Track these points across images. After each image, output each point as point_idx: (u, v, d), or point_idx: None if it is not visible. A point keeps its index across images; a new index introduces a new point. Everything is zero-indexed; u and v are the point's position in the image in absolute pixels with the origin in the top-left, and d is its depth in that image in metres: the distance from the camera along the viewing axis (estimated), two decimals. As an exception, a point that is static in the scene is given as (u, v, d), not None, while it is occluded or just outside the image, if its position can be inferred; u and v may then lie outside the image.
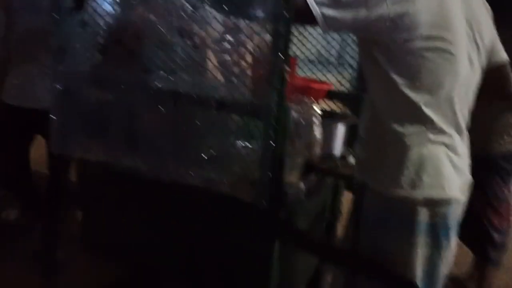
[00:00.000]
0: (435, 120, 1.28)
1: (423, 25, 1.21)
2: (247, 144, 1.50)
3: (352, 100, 2.17)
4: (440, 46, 1.24)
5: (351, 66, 2.30)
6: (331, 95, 2.19)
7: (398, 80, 1.26)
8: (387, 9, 1.19)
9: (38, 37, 2.08)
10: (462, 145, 1.37)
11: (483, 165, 2.05)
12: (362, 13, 1.21)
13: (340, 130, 1.89)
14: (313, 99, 1.81)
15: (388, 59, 1.26)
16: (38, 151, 2.51)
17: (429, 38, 1.22)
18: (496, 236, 2.21)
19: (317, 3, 1.23)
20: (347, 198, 2.15)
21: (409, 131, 1.28)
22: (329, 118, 1.87)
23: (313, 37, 2.31)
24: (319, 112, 1.80)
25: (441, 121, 1.29)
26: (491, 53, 1.41)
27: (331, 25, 1.25)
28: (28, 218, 2.69)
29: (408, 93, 1.26)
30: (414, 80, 1.25)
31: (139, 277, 1.89)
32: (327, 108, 2.19)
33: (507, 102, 1.87)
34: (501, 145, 2.13)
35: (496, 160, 2.14)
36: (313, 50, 2.37)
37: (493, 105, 2.02)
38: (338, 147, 1.89)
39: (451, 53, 1.25)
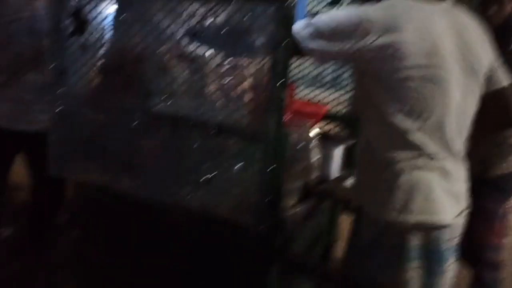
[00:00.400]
0: (425, 146, 1.29)
1: (410, 55, 1.23)
2: (246, 168, 1.50)
3: (349, 122, 2.19)
4: (429, 75, 1.25)
5: (347, 87, 2.32)
6: (328, 116, 2.21)
7: (388, 107, 1.28)
8: (371, 40, 1.23)
9: (29, 59, 2.03)
10: (458, 169, 1.37)
11: (484, 185, 2.06)
12: (348, 45, 1.25)
13: (337, 153, 1.90)
14: (310, 122, 1.83)
15: (378, 87, 1.29)
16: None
17: (417, 67, 1.24)
18: (491, 255, 2.20)
19: (305, 38, 1.28)
20: (343, 221, 2.16)
21: (400, 157, 1.29)
22: (325, 140, 1.88)
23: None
24: (316, 135, 1.82)
25: (432, 147, 1.30)
26: (489, 79, 1.42)
27: (319, 57, 1.33)
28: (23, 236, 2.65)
29: (397, 120, 1.28)
30: (403, 107, 1.27)
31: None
32: (324, 130, 2.20)
33: (508, 127, 1.86)
34: (505, 166, 2.14)
35: (498, 180, 2.15)
36: (310, 71, 2.40)
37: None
38: (335, 170, 1.90)
39: (440, 82, 1.27)
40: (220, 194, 1.50)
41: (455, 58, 1.29)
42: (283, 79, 1.33)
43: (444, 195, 1.31)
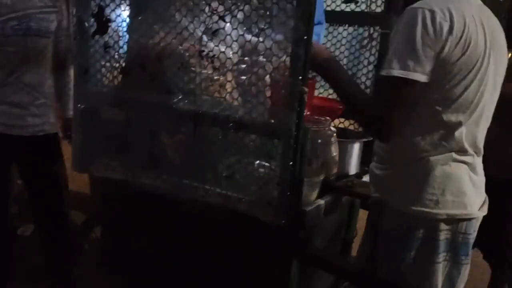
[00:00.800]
0: (462, 141, 1.31)
1: (473, 49, 1.24)
2: (266, 163, 1.52)
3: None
4: (480, 70, 1.26)
5: (365, 85, 2.32)
6: (346, 113, 2.21)
7: (438, 102, 1.27)
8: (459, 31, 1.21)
9: (24, 59, 1.93)
10: (480, 164, 1.40)
11: (509, 186, 2.03)
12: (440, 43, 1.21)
13: (356, 149, 1.91)
14: (329, 118, 1.84)
15: (432, 84, 1.25)
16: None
17: (474, 61, 1.25)
18: None
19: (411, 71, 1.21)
20: (362, 217, 2.16)
21: (436, 150, 1.30)
22: (344, 137, 1.88)
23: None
24: (335, 131, 1.83)
25: (466, 142, 1.32)
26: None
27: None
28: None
29: (447, 116, 1.28)
30: (455, 102, 1.27)
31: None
32: (342, 127, 2.21)
33: None
34: None
35: None
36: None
37: None
38: (353, 165, 1.91)
39: (484, 77, 1.28)
40: (241, 189, 1.52)
41: (493, 55, 1.31)
42: (303, 75, 1.35)
43: (472, 188, 1.34)
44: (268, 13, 1.36)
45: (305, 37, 1.30)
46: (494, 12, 1.38)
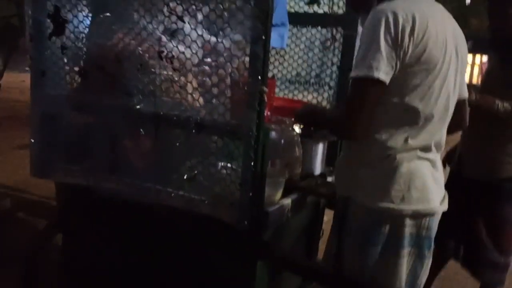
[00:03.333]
0: (427, 139, 1.35)
1: (433, 50, 1.27)
2: (228, 164, 1.51)
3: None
4: (441, 70, 1.30)
5: (329, 85, 2.34)
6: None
7: (403, 101, 1.30)
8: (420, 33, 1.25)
9: None
10: (439, 160, 1.44)
11: (491, 189, 2.07)
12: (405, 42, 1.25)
13: (320, 149, 1.91)
14: (292, 119, 1.84)
15: (397, 83, 1.28)
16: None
17: (435, 62, 1.28)
18: (499, 257, 2.18)
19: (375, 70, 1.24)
20: (330, 218, 2.16)
21: (402, 149, 1.33)
22: (308, 137, 1.89)
23: (291, 57, 2.36)
24: (298, 131, 1.83)
25: (432, 140, 1.36)
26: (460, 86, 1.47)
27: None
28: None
29: (411, 114, 1.31)
30: (420, 101, 1.30)
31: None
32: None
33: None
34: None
35: (505, 183, 2.10)
36: (292, 70, 2.41)
37: (507, 130, 2.04)
38: (318, 166, 1.92)
39: (447, 78, 1.32)
40: (204, 191, 1.50)
41: (454, 56, 1.35)
42: (263, 74, 1.35)
43: (434, 184, 1.39)
44: (226, 13, 1.35)
45: (263, 37, 1.30)
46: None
